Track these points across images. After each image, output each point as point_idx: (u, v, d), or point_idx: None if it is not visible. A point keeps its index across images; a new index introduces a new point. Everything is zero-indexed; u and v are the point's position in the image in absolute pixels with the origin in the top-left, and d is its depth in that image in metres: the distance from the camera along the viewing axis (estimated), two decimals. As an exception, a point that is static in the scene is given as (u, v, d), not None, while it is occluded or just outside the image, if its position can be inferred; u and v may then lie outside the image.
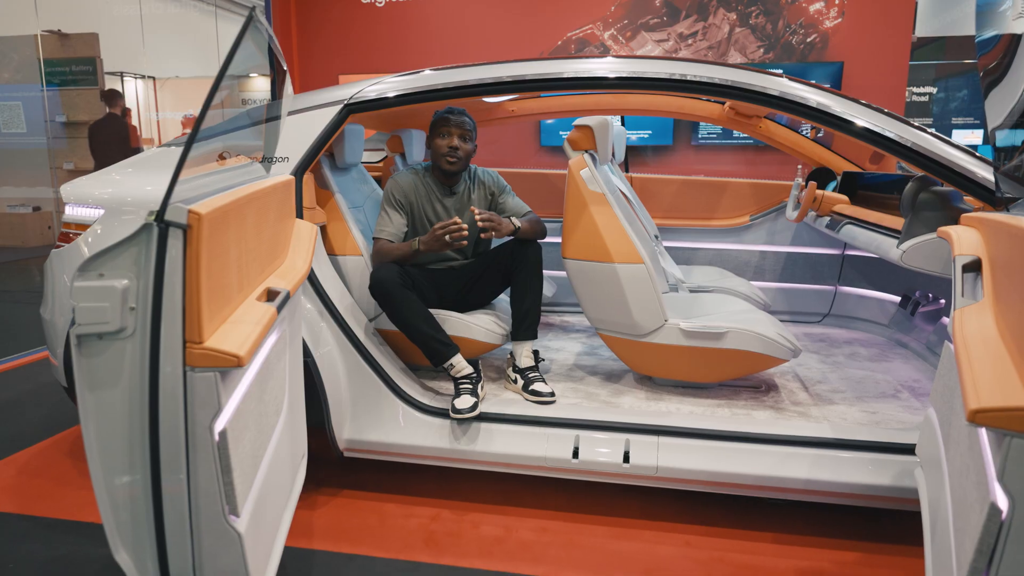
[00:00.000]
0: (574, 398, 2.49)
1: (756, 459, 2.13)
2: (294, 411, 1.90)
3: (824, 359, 2.98)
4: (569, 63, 2.32)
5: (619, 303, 2.43)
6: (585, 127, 2.50)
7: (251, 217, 1.60)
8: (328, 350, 2.37)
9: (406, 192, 2.62)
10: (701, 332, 2.36)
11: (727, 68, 2.24)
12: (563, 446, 2.25)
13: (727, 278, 3.35)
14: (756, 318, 2.47)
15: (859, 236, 2.48)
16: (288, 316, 1.89)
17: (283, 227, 1.99)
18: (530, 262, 2.56)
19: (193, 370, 1.19)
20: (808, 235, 3.59)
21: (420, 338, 2.42)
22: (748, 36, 6.16)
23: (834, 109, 2.12)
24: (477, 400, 2.34)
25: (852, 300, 3.52)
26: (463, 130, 2.58)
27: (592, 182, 2.43)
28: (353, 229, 2.60)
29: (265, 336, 1.49)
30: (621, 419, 2.28)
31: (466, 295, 2.70)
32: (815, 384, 2.64)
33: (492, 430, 2.32)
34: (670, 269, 3.12)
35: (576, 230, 2.47)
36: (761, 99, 2.19)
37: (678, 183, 3.82)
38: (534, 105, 3.64)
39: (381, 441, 2.37)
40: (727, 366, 2.41)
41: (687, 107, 3.47)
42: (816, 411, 2.36)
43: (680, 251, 3.79)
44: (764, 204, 3.73)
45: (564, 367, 2.85)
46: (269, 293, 1.67)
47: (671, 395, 2.51)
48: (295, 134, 2.41)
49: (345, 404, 2.40)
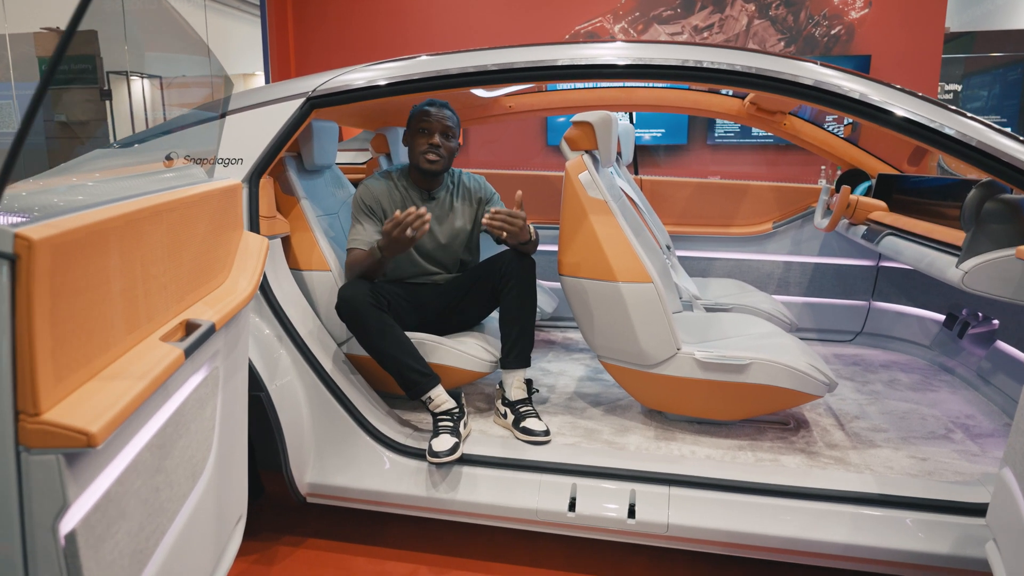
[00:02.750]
0: (572, 436, 2.16)
1: (785, 517, 1.79)
2: (228, 466, 1.58)
3: (860, 387, 2.62)
4: (565, 49, 1.99)
5: (624, 328, 2.09)
6: (584, 124, 2.17)
7: (158, 234, 1.28)
8: (287, 381, 2.05)
9: (378, 197, 2.30)
10: (720, 364, 2.02)
11: (751, 54, 1.90)
12: (558, 496, 1.92)
13: (747, 292, 3.00)
14: (783, 345, 2.13)
15: (905, 251, 2.13)
16: (224, 350, 1.58)
17: (221, 242, 1.67)
18: (523, 278, 2.22)
19: (29, 452, 0.88)
20: (838, 244, 3.23)
21: (394, 367, 2.10)
22: (768, 28, 5.79)
23: (886, 102, 1.77)
24: (458, 440, 2.01)
25: (888, 317, 3.15)
26: (445, 126, 2.25)
27: (592, 187, 2.10)
28: (320, 240, 2.28)
29: (162, 388, 1.17)
30: (626, 465, 1.95)
31: (450, 315, 2.38)
32: (852, 420, 2.29)
33: (476, 476, 2.00)
34: (683, 284, 2.78)
35: (573, 243, 2.14)
36: (793, 90, 1.85)
37: (693, 186, 3.47)
38: (534, 100, 3.31)
39: (348, 486, 2.05)
40: (750, 403, 2.07)
41: (703, 102, 3.13)
42: (855, 456, 2.02)
43: (695, 262, 3.44)
44: (789, 210, 3.37)
45: (563, 396, 2.51)
46: (188, 327, 1.36)
47: (685, 433, 2.17)
48: (250, 132, 2.09)
49: (307, 443, 2.08)
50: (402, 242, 2.03)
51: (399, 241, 2.03)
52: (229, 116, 2.12)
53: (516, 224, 2.09)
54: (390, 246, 2.05)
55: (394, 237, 2.02)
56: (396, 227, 2.01)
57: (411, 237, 2.01)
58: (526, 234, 2.14)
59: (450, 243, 2.38)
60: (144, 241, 1.23)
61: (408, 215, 2.00)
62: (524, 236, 2.13)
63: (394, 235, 2.02)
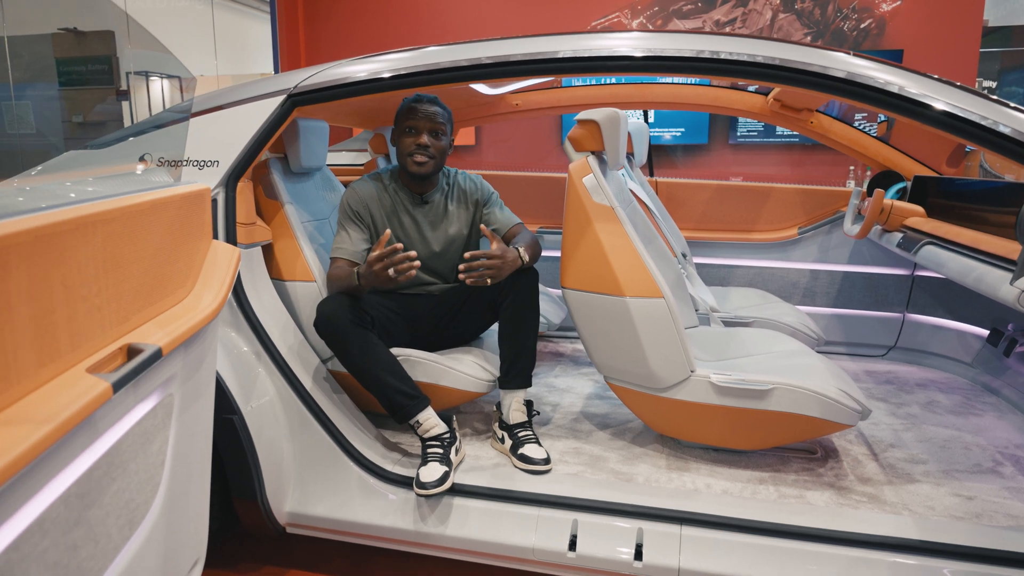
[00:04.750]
0: (575, 464, 1.97)
1: (811, 566, 1.58)
2: (183, 505, 1.42)
3: (895, 409, 2.39)
4: (567, 40, 1.80)
5: (631, 348, 1.90)
6: (590, 122, 1.98)
7: (88, 249, 1.12)
8: (265, 402, 1.89)
9: (366, 202, 2.12)
10: (738, 389, 1.82)
11: (774, 43, 1.70)
12: (557, 534, 1.74)
13: (770, 303, 2.79)
14: (810, 366, 1.92)
15: (948, 263, 1.91)
16: (182, 374, 1.41)
17: (182, 253, 1.50)
18: (523, 290, 2.04)
19: None
20: (869, 251, 3.00)
21: (378, 388, 1.92)
22: (793, 23, 5.54)
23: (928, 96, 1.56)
24: (448, 469, 1.83)
25: (925, 331, 2.92)
26: (434, 123, 2.06)
27: (597, 192, 1.91)
28: (305, 248, 2.11)
29: (86, 426, 1.02)
30: (633, 500, 1.76)
31: (445, 329, 2.20)
32: (887, 449, 2.07)
33: (467, 508, 1.82)
34: (700, 295, 2.58)
35: (576, 253, 1.95)
36: (821, 84, 1.64)
37: (712, 189, 3.26)
38: (542, 98, 3.12)
39: (329, 517, 1.88)
40: (772, 432, 1.87)
41: (723, 99, 2.92)
42: (891, 493, 1.80)
43: (714, 269, 3.23)
44: (816, 214, 3.14)
45: (568, 416, 2.32)
46: (130, 352, 1.20)
47: (700, 462, 1.97)
48: (227, 133, 1.93)
49: (287, 469, 1.92)
50: (381, 279, 1.84)
51: (378, 277, 1.84)
52: (205, 115, 1.96)
53: (495, 264, 1.91)
54: (369, 277, 1.88)
55: (375, 271, 1.84)
56: (379, 261, 1.83)
57: (392, 278, 1.83)
58: (512, 267, 1.96)
59: (445, 250, 2.20)
60: (67, 258, 1.06)
61: (392, 250, 1.81)
62: (510, 269, 1.95)
63: (375, 269, 1.84)
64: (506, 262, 1.93)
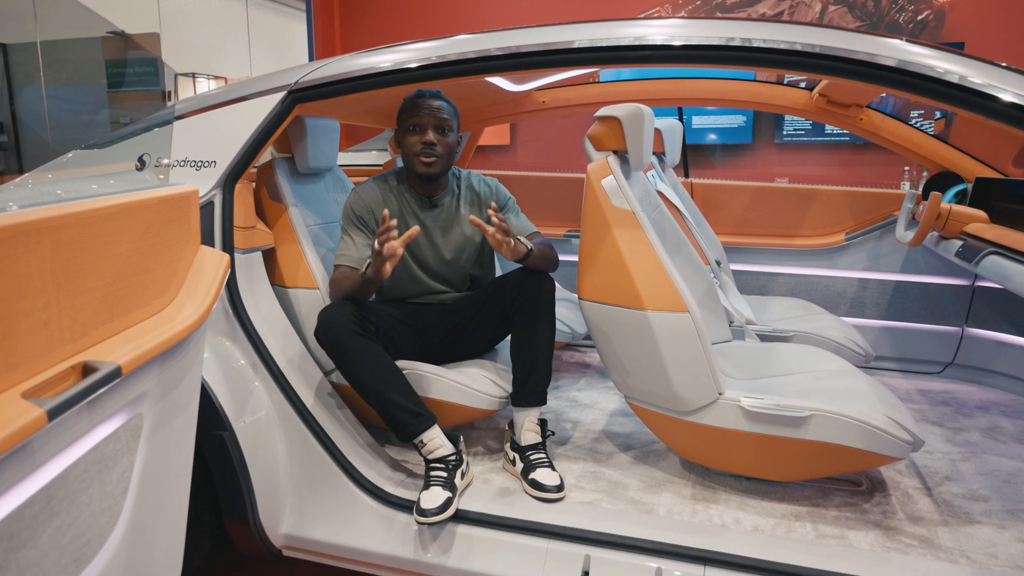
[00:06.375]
0: (592, 491, 1.81)
1: (853, 619, 1.40)
2: (150, 535, 1.31)
3: (951, 436, 2.17)
4: (583, 29, 1.65)
5: (653, 367, 1.73)
6: (610, 119, 1.81)
7: (32, 259, 1.02)
8: (260, 417, 1.79)
9: (371, 206, 1.99)
10: (772, 415, 1.63)
11: (817, 29, 1.51)
12: (567, 570, 1.58)
13: (813, 315, 2.58)
14: (854, 390, 1.72)
15: (1016, 276, 1.69)
16: (156, 391, 1.31)
17: (161, 261, 1.40)
18: (538, 300, 1.89)
19: None
20: (925, 259, 2.76)
21: (380, 404, 1.79)
22: (844, 15, 5.25)
23: (995, 86, 1.36)
24: (452, 495, 1.69)
25: (987, 347, 2.66)
26: (439, 119, 1.93)
27: (617, 195, 1.74)
28: (308, 254, 2.00)
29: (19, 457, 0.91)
30: (653, 535, 1.59)
31: (455, 341, 2.06)
32: (942, 483, 1.86)
33: (472, 537, 1.68)
34: (736, 306, 2.39)
35: (595, 262, 1.79)
36: (871, 75, 1.45)
37: (751, 191, 3.05)
38: (570, 95, 2.96)
39: (326, 541, 1.77)
40: (810, 464, 1.68)
41: (763, 95, 2.71)
42: (946, 536, 1.60)
43: (753, 277, 3.02)
44: (865, 219, 2.91)
45: (589, 435, 2.16)
46: (85, 370, 1.09)
47: (729, 492, 1.79)
48: (225, 131, 1.83)
49: (283, 489, 1.81)
50: (377, 261, 1.71)
51: (376, 257, 1.71)
52: (203, 113, 1.87)
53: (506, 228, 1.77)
54: (376, 265, 1.74)
55: (373, 251, 1.72)
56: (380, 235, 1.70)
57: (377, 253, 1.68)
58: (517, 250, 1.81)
59: (457, 257, 2.07)
60: (7, 267, 0.96)
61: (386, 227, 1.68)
62: (514, 250, 1.81)
63: (374, 248, 1.71)
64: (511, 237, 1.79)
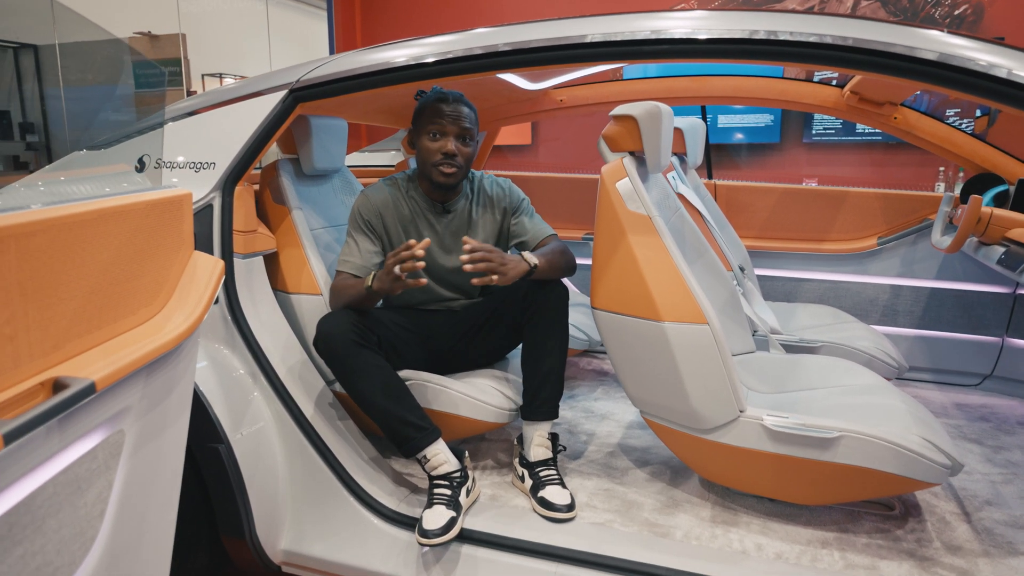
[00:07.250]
0: (604, 511, 1.71)
1: (885, 661, 1.29)
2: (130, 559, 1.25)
3: (991, 455, 2.03)
4: (596, 22, 1.56)
5: (670, 381, 1.63)
6: (626, 118, 1.71)
7: None
8: (258, 429, 1.72)
9: (379, 210, 1.91)
10: (797, 435, 1.52)
11: (846, 20, 1.40)
12: (575, 597, 1.49)
13: (843, 324, 2.45)
14: (887, 408, 1.60)
15: (1067, 287, 1.56)
16: (141, 406, 1.24)
17: (148, 268, 1.33)
18: (550, 309, 1.80)
19: None
20: (962, 266, 2.61)
21: (381, 417, 1.71)
22: (878, 11, 5.07)
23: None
24: (456, 515, 1.61)
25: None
26: (462, 127, 1.81)
27: (633, 199, 1.64)
28: (312, 258, 1.93)
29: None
30: (668, 562, 1.49)
31: (465, 349, 1.98)
32: (982, 508, 1.73)
33: (476, 559, 1.59)
34: (759, 315, 2.27)
35: (609, 269, 1.69)
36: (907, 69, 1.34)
37: (778, 193, 2.93)
38: (589, 93, 2.86)
39: (326, 559, 1.69)
40: (838, 488, 1.56)
41: (790, 92, 2.59)
42: (987, 568, 1.47)
43: (779, 283, 2.89)
44: (899, 223, 2.77)
45: (604, 449, 2.07)
46: (56, 387, 1.03)
47: (751, 514, 1.68)
48: (225, 132, 1.77)
49: (282, 503, 1.74)
50: (388, 279, 1.63)
51: (388, 275, 1.63)
52: (202, 113, 1.81)
53: (493, 258, 1.65)
54: (382, 278, 1.67)
55: (387, 266, 1.63)
56: (394, 255, 1.62)
57: (396, 276, 1.60)
58: (517, 269, 1.70)
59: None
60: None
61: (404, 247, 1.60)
62: (515, 270, 1.69)
63: (388, 263, 1.63)
64: (504, 264, 1.67)
